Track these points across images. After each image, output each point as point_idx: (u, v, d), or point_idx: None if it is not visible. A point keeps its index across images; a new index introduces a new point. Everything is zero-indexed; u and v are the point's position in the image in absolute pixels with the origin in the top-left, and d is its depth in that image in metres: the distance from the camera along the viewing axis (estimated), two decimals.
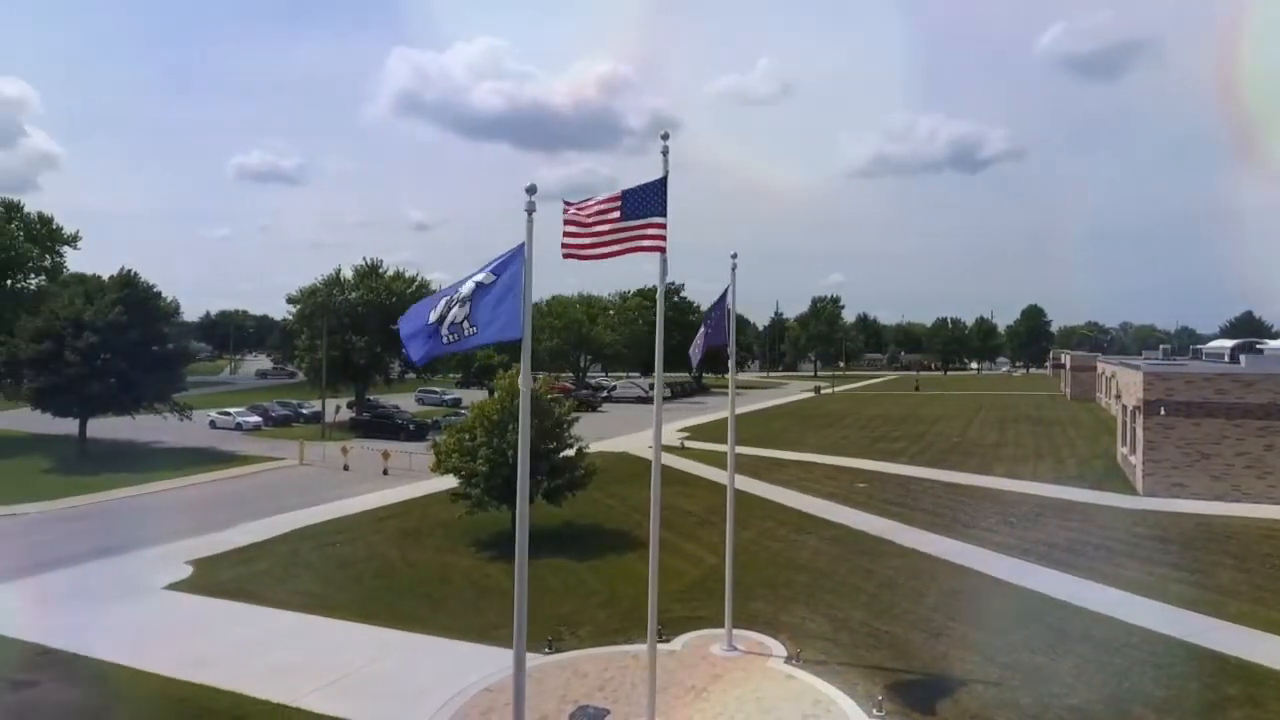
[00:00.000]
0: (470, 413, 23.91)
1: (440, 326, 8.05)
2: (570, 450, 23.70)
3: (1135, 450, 30.83)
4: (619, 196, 10.87)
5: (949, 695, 13.04)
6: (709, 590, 17.92)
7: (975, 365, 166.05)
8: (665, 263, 11.50)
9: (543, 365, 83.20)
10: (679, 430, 49.82)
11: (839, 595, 18.06)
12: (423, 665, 14.42)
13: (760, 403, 73.63)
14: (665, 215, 10.89)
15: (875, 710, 12.36)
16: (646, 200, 10.94)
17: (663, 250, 11.04)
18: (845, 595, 18.06)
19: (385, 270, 59.47)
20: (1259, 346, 47.66)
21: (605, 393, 76.65)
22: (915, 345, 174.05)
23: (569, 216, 10.89)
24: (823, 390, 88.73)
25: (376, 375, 57.58)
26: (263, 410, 54.97)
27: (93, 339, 38.55)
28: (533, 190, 8.59)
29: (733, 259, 14.93)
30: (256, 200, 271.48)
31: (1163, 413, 28.87)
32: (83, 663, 14.53)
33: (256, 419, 52.65)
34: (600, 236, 10.76)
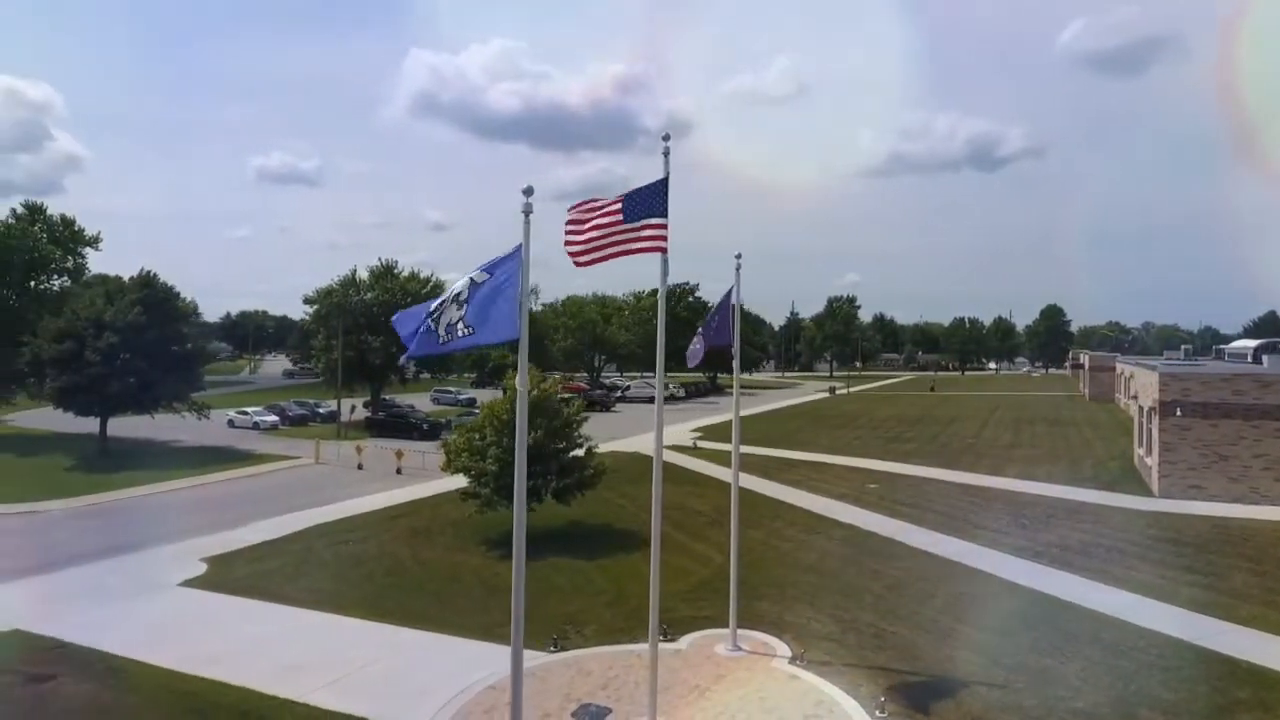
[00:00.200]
0: (480, 412, 24.07)
1: (437, 326, 8.14)
2: (579, 450, 23.81)
3: (1151, 452, 30.49)
4: (621, 198, 10.98)
5: (953, 697, 12.99)
6: (716, 590, 17.92)
7: (993, 365, 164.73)
8: (666, 263, 11.55)
9: (557, 365, 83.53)
10: (692, 430, 49.82)
11: (846, 596, 18.02)
12: (430, 663, 14.55)
13: (774, 403, 73.43)
14: (666, 216, 10.97)
15: (878, 711, 12.34)
16: (648, 201, 11.02)
17: (664, 250, 11.11)
18: (852, 596, 18.02)
19: (400, 271, 59.96)
20: None
21: (619, 393, 76.73)
22: (933, 345, 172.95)
23: (572, 218, 11.01)
24: (838, 391, 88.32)
25: (392, 375, 58.02)
26: (280, 410, 55.58)
27: (113, 339, 39.17)
28: (529, 192, 8.68)
29: (737, 259, 14.95)
30: (276, 201, 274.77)
31: (1179, 413, 28.53)
32: (97, 657, 14.80)
33: (274, 418, 53.24)
34: (602, 238, 10.85)
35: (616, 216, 10.86)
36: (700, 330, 14.44)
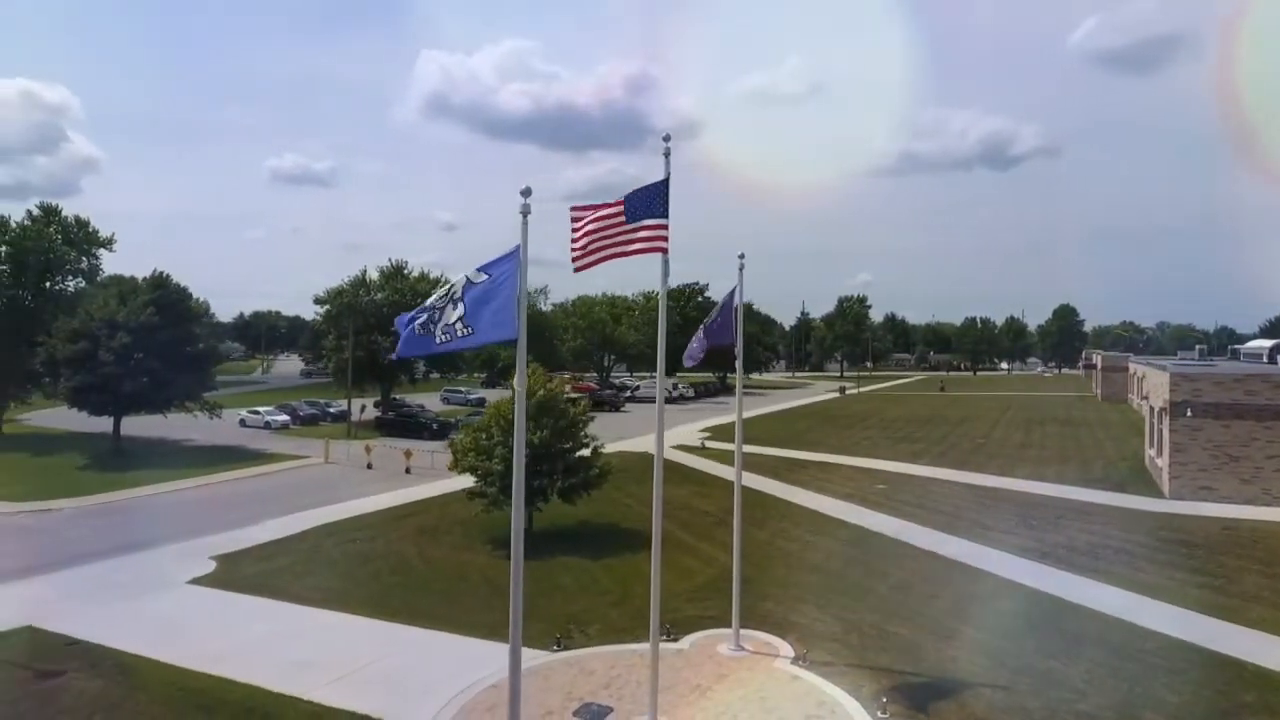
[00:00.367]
0: (486, 412, 24.16)
1: (434, 327, 8.20)
2: (585, 450, 23.86)
3: (1162, 453, 30.26)
4: (622, 200, 11.04)
5: (955, 698, 12.96)
6: (721, 590, 17.91)
7: (1005, 366, 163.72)
8: (667, 263, 11.61)
9: (566, 365, 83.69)
10: (700, 430, 49.80)
11: (851, 597, 17.99)
12: (434, 661, 14.64)
13: (784, 403, 73.30)
14: (667, 216, 11.03)
15: (879, 712, 12.33)
16: (649, 202, 11.07)
17: (664, 250, 11.16)
18: (857, 597, 18.00)
19: (410, 271, 60.24)
20: None
21: (629, 393, 76.77)
22: (944, 345, 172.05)
23: (574, 220, 11.07)
24: (848, 391, 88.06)
25: (402, 375, 58.31)
26: (291, 409, 55.94)
27: (125, 339, 39.53)
28: (527, 193, 8.75)
29: (740, 259, 14.98)
30: (290, 202, 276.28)
31: (1189, 414, 28.31)
32: (107, 654, 14.97)
33: (285, 418, 53.59)
34: (602, 239, 10.91)
35: (617, 217, 10.92)
36: (700, 330, 14.46)
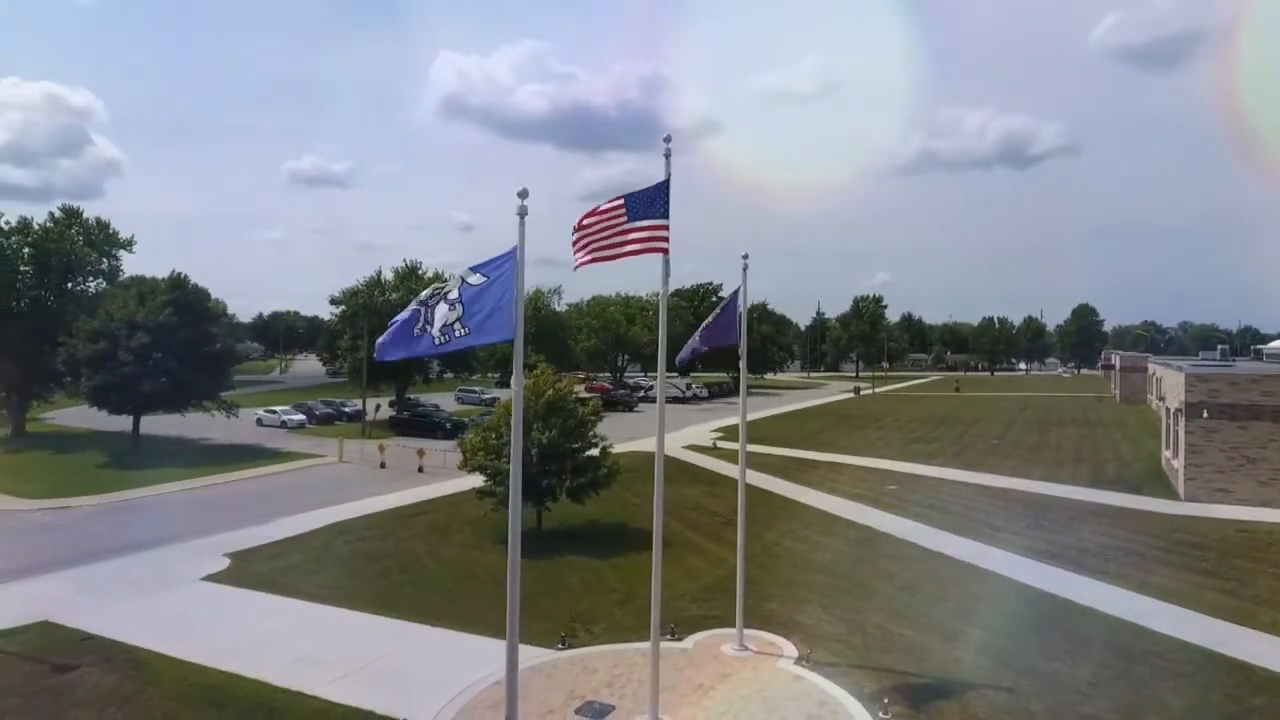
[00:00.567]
0: (496, 411, 24.32)
1: (431, 327, 8.30)
2: (594, 450, 23.95)
3: (1177, 454, 29.93)
4: (622, 200, 11.09)
5: (958, 699, 12.93)
6: (727, 590, 17.88)
7: (1023, 366, 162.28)
8: (668, 264, 11.65)
9: (580, 365, 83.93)
10: (713, 431, 49.81)
11: (856, 597, 17.97)
12: (441, 658, 14.78)
13: (797, 403, 73.07)
14: (668, 217, 11.07)
15: (881, 713, 12.31)
16: (649, 202, 11.12)
17: (665, 251, 11.20)
18: (863, 598, 17.96)
19: (424, 271, 60.66)
20: None
21: (642, 392, 76.82)
22: (961, 345, 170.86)
23: (577, 223, 11.14)
24: (863, 391, 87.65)
25: (416, 375, 58.71)
26: (307, 409, 56.47)
27: (144, 339, 40.11)
28: (524, 194, 8.83)
29: (744, 259, 15.00)
30: (308, 204, 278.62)
31: (1205, 415, 27.98)
32: (121, 649, 15.23)
33: (301, 417, 54.10)
34: (602, 239, 10.98)
35: (618, 217, 10.99)
36: (700, 330, 14.49)
